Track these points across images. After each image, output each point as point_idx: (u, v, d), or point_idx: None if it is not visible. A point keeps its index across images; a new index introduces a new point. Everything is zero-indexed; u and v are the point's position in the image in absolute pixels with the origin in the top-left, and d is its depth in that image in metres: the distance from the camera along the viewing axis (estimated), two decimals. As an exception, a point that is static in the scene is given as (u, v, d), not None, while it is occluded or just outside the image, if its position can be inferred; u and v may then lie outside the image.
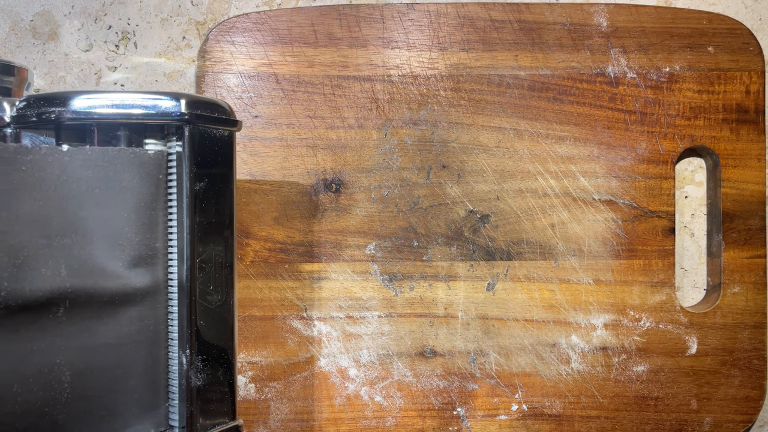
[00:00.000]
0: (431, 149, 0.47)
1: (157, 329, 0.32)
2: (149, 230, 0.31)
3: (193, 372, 0.32)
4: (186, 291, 0.32)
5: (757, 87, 0.47)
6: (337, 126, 0.47)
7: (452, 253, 0.47)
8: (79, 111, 0.31)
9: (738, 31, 0.47)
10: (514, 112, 0.47)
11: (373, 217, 0.47)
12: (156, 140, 0.33)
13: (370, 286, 0.47)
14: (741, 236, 0.47)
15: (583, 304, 0.47)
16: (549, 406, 0.47)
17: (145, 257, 0.31)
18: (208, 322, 0.32)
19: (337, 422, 0.46)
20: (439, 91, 0.47)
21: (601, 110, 0.47)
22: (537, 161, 0.47)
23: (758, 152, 0.47)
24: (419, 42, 0.47)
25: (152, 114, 0.31)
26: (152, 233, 0.31)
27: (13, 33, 0.48)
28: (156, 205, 0.31)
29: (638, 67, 0.47)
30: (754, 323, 0.47)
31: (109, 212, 0.31)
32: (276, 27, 0.46)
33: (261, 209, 0.46)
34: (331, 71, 0.47)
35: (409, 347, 0.47)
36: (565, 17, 0.47)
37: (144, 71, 0.48)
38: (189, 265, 0.32)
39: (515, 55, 0.47)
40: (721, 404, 0.47)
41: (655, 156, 0.47)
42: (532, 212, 0.47)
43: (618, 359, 0.47)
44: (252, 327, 0.46)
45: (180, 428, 0.32)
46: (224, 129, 0.33)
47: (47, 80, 0.48)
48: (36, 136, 0.33)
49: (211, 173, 0.33)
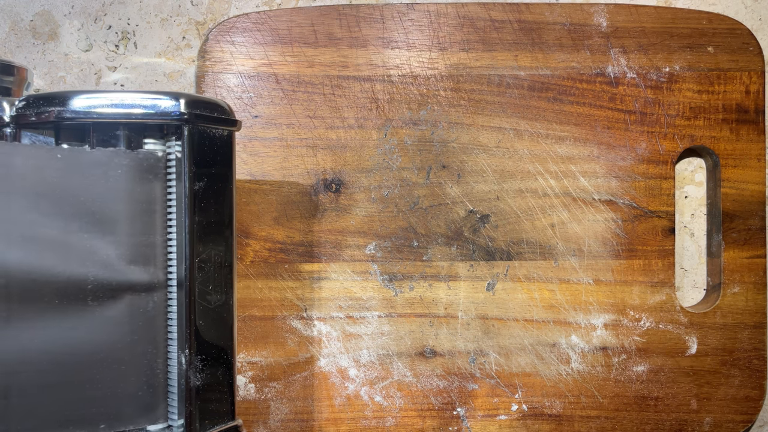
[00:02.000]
0: (431, 149, 0.47)
1: (156, 329, 0.32)
2: (149, 230, 0.31)
3: (193, 372, 0.32)
4: (185, 291, 0.32)
5: (757, 87, 0.47)
6: (337, 126, 0.47)
7: (452, 253, 0.47)
8: (78, 111, 0.31)
9: (738, 31, 0.47)
10: (514, 112, 0.47)
11: (373, 217, 0.47)
12: (155, 140, 0.33)
13: (370, 286, 0.47)
14: (741, 236, 0.47)
15: (583, 304, 0.47)
16: (549, 406, 0.47)
17: (145, 257, 0.31)
18: (208, 322, 0.32)
19: (336, 422, 0.46)
20: (439, 91, 0.47)
21: (601, 110, 0.47)
22: (537, 161, 0.47)
23: (758, 152, 0.47)
24: (419, 42, 0.47)
25: (152, 114, 0.31)
26: (152, 233, 0.31)
27: (13, 33, 0.48)
28: (155, 204, 0.32)
29: (638, 67, 0.47)
30: (754, 323, 0.47)
31: (108, 212, 0.31)
32: (276, 27, 0.46)
33: (261, 209, 0.46)
34: (331, 71, 0.47)
35: (409, 347, 0.47)
36: (565, 17, 0.47)
37: (144, 71, 0.49)
38: (188, 264, 0.32)
39: (515, 55, 0.47)
40: (721, 404, 0.47)
41: (655, 156, 0.47)
42: (532, 212, 0.47)
43: (618, 359, 0.47)
44: (252, 327, 0.46)
45: (179, 428, 0.32)
46: (224, 129, 0.33)
47: (47, 80, 0.48)
48: (36, 135, 0.33)
49: (211, 173, 0.33)
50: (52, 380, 0.30)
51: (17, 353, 0.30)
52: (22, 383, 0.30)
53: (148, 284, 0.31)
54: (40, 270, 0.30)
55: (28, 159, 0.30)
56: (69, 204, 0.30)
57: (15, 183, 0.29)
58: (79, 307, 0.30)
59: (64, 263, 0.30)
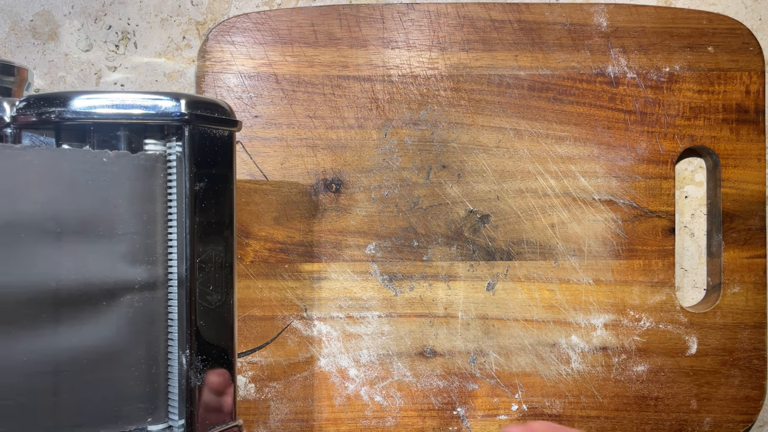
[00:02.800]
0: (431, 149, 0.47)
1: (156, 329, 0.32)
2: (149, 230, 0.31)
3: (193, 372, 0.32)
4: (186, 291, 0.32)
5: (757, 87, 0.47)
6: (337, 126, 0.47)
7: (452, 253, 0.47)
8: (79, 111, 0.31)
9: (738, 31, 0.47)
10: (514, 112, 0.47)
11: (373, 217, 0.47)
12: (156, 140, 0.33)
13: (370, 286, 0.47)
14: (741, 236, 0.47)
15: (583, 304, 0.47)
16: (549, 406, 0.47)
17: (145, 257, 0.31)
18: (208, 322, 0.32)
19: (337, 422, 0.46)
20: (439, 91, 0.47)
21: (601, 110, 0.47)
22: (537, 161, 0.47)
23: (758, 152, 0.47)
24: (419, 42, 0.47)
25: (152, 114, 0.31)
26: (152, 233, 0.31)
27: (13, 33, 0.48)
28: (156, 205, 0.32)
29: (638, 67, 0.47)
30: (754, 323, 0.47)
31: (108, 212, 0.31)
32: (276, 27, 0.46)
33: (261, 209, 0.46)
34: (331, 71, 0.47)
35: (409, 347, 0.47)
36: (565, 17, 0.47)
37: (144, 71, 0.48)
38: (189, 265, 0.32)
39: (515, 55, 0.47)
40: (721, 404, 0.47)
41: (655, 156, 0.47)
42: (532, 212, 0.47)
43: (618, 359, 0.47)
44: (252, 327, 0.46)
45: (179, 428, 0.32)
46: (224, 129, 0.33)
47: (47, 80, 0.48)
48: (36, 136, 0.33)
49: (211, 173, 0.33)
50: (52, 381, 0.30)
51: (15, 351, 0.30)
52: (21, 385, 0.30)
53: (149, 285, 0.31)
54: (39, 269, 0.30)
55: (29, 159, 0.30)
56: (68, 204, 0.30)
57: (15, 183, 0.29)
58: (79, 308, 0.30)
59: (65, 263, 0.30)
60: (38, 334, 0.30)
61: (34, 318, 0.29)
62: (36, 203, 0.30)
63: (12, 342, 0.29)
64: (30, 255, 0.29)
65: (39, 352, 0.30)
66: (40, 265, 0.30)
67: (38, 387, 0.30)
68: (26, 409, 0.30)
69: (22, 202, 0.29)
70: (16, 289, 0.29)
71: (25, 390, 0.30)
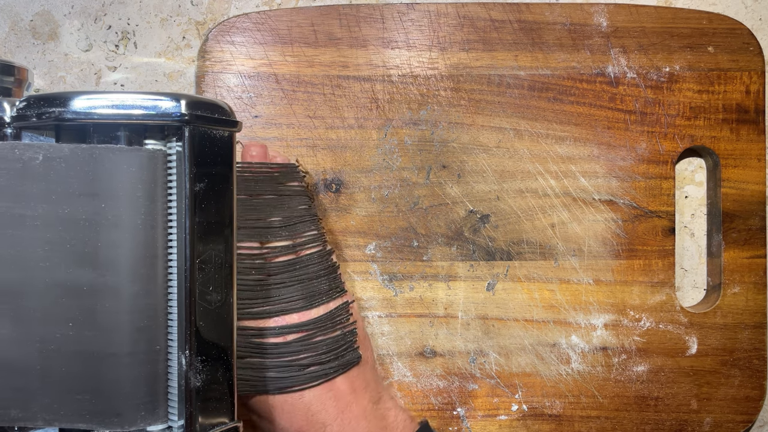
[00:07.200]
0: (431, 149, 0.47)
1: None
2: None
3: (193, 372, 0.32)
4: (185, 291, 0.32)
5: (757, 87, 0.47)
6: (337, 126, 0.47)
7: (452, 253, 0.47)
8: (79, 111, 0.31)
9: (738, 31, 0.47)
10: (514, 112, 0.47)
11: (373, 217, 0.47)
12: (156, 141, 0.33)
13: (370, 286, 0.47)
14: (741, 236, 0.47)
15: (583, 304, 0.47)
16: (549, 406, 0.47)
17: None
18: (208, 323, 0.32)
19: (337, 422, 0.46)
20: (439, 91, 0.47)
21: (601, 110, 0.47)
22: (537, 161, 0.47)
23: (758, 152, 0.47)
24: (419, 42, 0.47)
25: (152, 114, 0.31)
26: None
27: (13, 33, 0.48)
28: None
29: (638, 67, 0.47)
30: (754, 323, 0.47)
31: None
32: (276, 27, 0.46)
33: (261, 209, 0.46)
34: (331, 71, 0.47)
35: (409, 347, 0.47)
36: (565, 17, 0.47)
37: (144, 71, 0.48)
38: (189, 265, 0.32)
39: (515, 55, 0.47)
40: (721, 404, 0.47)
41: (655, 156, 0.47)
42: (532, 212, 0.47)
43: (618, 359, 0.47)
44: (252, 327, 0.46)
45: (179, 428, 0.32)
46: (224, 129, 0.33)
47: (47, 80, 0.48)
48: (36, 136, 0.33)
49: (211, 174, 0.33)
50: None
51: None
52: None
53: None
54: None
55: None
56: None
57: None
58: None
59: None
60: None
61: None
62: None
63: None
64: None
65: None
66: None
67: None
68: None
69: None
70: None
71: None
